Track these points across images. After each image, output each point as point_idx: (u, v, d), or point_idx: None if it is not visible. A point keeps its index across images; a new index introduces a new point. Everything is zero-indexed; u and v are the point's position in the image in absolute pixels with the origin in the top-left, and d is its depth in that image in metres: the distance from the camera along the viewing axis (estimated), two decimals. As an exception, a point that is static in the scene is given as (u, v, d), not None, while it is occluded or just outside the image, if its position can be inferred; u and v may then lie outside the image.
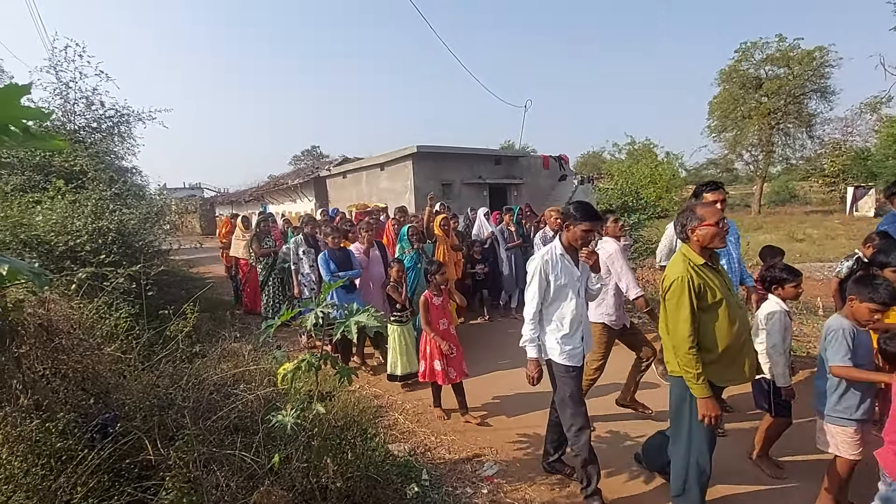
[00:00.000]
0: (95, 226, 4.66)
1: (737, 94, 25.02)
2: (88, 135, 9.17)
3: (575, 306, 2.62)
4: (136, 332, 3.26)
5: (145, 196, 8.69)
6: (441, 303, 3.87)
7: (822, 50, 22.80)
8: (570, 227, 2.56)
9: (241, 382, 2.92)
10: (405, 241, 5.22)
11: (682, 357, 2.21)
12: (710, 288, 2.22)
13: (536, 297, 2.59)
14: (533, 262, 2.63)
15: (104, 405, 2.45)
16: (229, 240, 8.13)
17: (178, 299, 4.63)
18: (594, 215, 2.57)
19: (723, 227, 2.24)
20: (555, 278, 2.58)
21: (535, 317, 2.64)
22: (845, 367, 2.31)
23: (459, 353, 3.86)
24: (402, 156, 11.90)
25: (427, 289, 3.95)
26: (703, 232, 2.24)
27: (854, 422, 2.35)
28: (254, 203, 23.91)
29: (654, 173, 17.52)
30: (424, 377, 3.88)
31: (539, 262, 2.59)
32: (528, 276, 2.65)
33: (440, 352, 3.72)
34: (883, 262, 3.00)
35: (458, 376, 3.81)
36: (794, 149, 25.48)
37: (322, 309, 2.17)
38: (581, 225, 2.52)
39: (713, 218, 2.25)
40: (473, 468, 3.14)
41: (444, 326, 3.84)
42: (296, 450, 2.26)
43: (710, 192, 3.30)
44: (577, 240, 2.56)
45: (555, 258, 2.61)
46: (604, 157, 32.30)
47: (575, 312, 2.62)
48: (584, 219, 2.52)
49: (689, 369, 2.20)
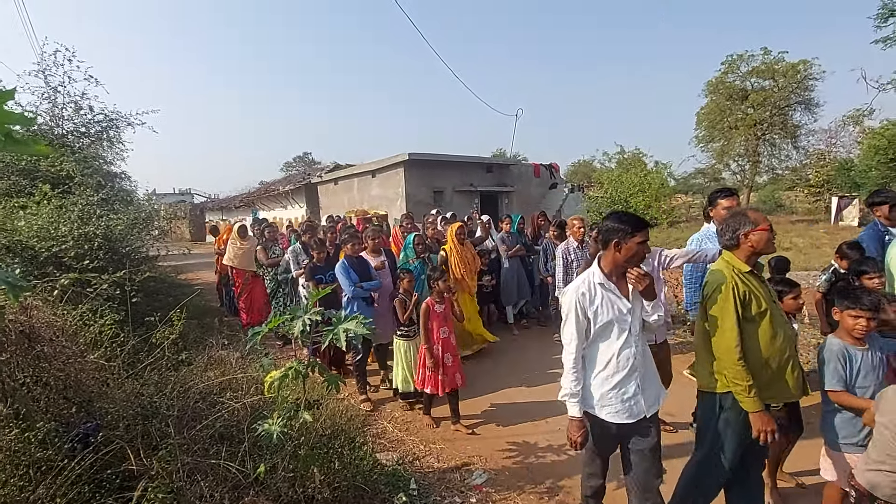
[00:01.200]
0: (81, 231, 4.61)
1: (723, 106, 25.42)
2: (76, 139, 9.09)
3: (624, 345, 2.10)
4: (120, 340, 3.21)
5: (133, 201, 8.61)
6: (443, 311, 3.82)
7: (806, 63, 23.29)
8: (621, 243, 2.04)
9: (228, 391, 2.89)
10: (410, 249, 5.04)
11: (729, 369, 2.04)
12: (756, 297, 2.09)
13: (575, 340, 2.11)
14: (566, 297, 2.15)
15: (86, 414, 2.41)
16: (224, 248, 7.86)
17: (166, 306, 4.56)
18: (644, 221, 2.09)
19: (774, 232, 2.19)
20: (595, 315, 2.09)
21: (577, 363, 2.12)
22: (835, 392, 2.24)
23: (457, 361, 3.84)
24: (393, 163, 11.92)
25: (429, 295, 3.88)
26: (758, 237, 2.12)
27: (853, 447, 2.22)
28: (244, 209, 23.78)
29: (644, 182, 17.68)
30: (421, 385, 3.84)
31: (574, 296, 2.11)
32: (562, 311, 2.19)
33: (437, 361, 3.71)
34: (858, 270, 3.09)
35: (453, 384, 3.77)
36: (779, 159, 25.91)
37: (310, 316, 2.16)
38: (635, 237, 2.02)
39: (766, 222, 2.15)
40: (462, 477, 3.12)
41: (445, 335, 3.80)
42: (282, 459, 2.23)
43: (724, 199, 3.30)
44: (633, 258, 2.05)
45: (593, 289, 2.11)
46: (594, 165, 32.57)
47: (624, 353, 2.11)
48: (638, 228, 2.04)
49: (739, 381, 2.02)
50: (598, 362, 2.14)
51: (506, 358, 5.42)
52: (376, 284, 4.39)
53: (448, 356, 3.80)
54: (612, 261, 2.09)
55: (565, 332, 2.15)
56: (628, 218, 2.08)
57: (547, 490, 2.95)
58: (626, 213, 2.16)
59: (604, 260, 2.13)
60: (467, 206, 12.43)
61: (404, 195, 11.64)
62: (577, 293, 2.10)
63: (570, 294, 2.13)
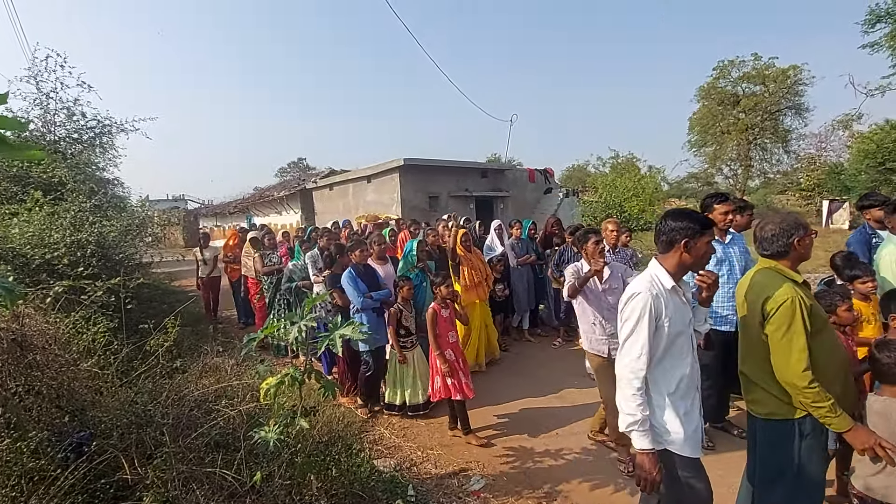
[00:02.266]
0: (74, 238, 4.57)
1: (715, 111, 25.72)
2: (69, 146, 9.02)
3: (693, 362, 1.88)
4: (114, 347, 3.19)
5: (126, 208, 8.56)
6: (449, 315, 3.76)
7: (796, 69, 23.63)
8: (690, 243, 1.81)
9: (223, 398, 2.87)
10: (411, 256, 4.72)
11: (804, 394, 1.80)
12: (816, 309, 1.91)
13: (645, 353, 1.76)
14: (635, 300, 1.81)
15: (79, 423, 2.38)
16: (236, 253, 7.62)
17: (160, 313, 4.53)
18: (710, 220, 1.89)
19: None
20: (669, 323, 1.79)
21: (644, 383, 1.79)
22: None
23: (466, 367, 3.77)
24: (388, 168, 11.94)
25: (433, 301, 3.78)
26: (808, 242, 1.98)
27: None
28: (238, 215, 23.70)
29: (638, 187, 17.78)
30: (438, 396, 3.69)
31: (647, 298, 1.78)
32: (623, 319, 1.85)
33: (452, 364, 3.60)
34: (851, 275, 3.11)
35: (471, 391, 3.68)
36: (771, 163, 26.21)
37: (306, 322, 2.15)
38: (704, 236, 1.81)
39: (810, 226, 2.01)
40: (460, 483, 3.11)
41: (454, 339, 3.75)
42: (278, 467, 2.21)
43: (720, 204, 3.31)
44: (702, 259, 1.85)
45: (664, 293, 1.82)
46: (588, 170, 32.77)
47: (693, 371, 1.88)
48: (706, 226, 1.84)
49: (820, 404, 1.79)
50: (667, 383, 1.83)
51: (515, 367, 5.30)
52: (386, 294, 4.13)
53: (460, 360, 3.73)
54: (678, 263, 1.85)
55: (632, 345, 1.80)
56: (696, 216, 1.87)
57: (545, 495, 2.94)
58: (690, 210, 1.95)
59: (666, 263, 1.87)
60: (463, 211, 12.45)
61: (400, 200, 11.65)
62: (650, 294, 1.78)
63: (643, 296, 1.79)
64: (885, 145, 19.04)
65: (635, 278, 1.96)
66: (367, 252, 4.20)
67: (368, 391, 4.18)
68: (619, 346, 1.85)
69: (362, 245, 4.20)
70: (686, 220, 1.83)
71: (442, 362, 3.58)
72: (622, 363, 1.82)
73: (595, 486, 2.98)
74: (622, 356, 1.83)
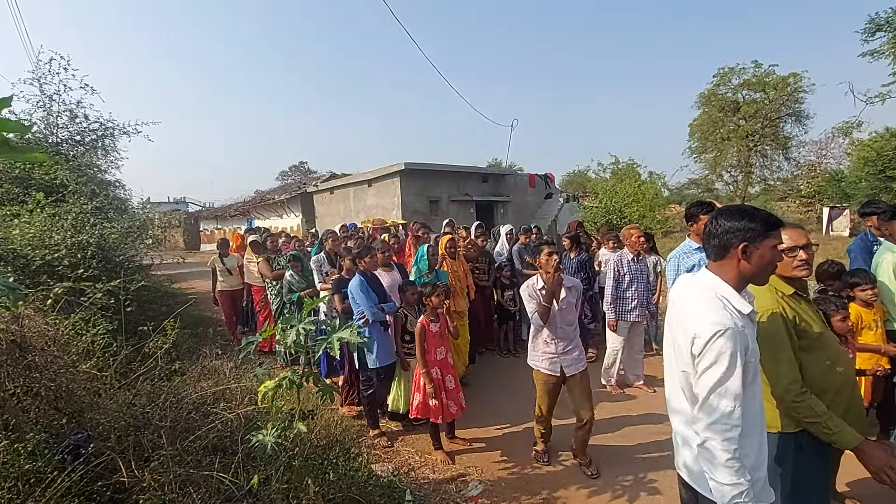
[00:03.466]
0: (75, 240, 4.58)
1: (716, 117, 25.79)
2: (71, 148, 9.08)
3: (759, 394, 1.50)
4: (113, 349, 3.19)
5: (128, 210, 8.60)
6: (439, 329, 3.51)
7: (796, 76, 23.72)
8: (750, 248, 1.46)
9: (221, 401, 2.86)
10: (423, 261, 4.49)
11: (800, 408, 1.69)
12: (808, 321, 1.80)
13: (739, 406, 1.36)
14: (720, 339, 1.36)
15: (77, 425, 2.38)
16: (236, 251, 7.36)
17: (159, 315, 4.54)
18: (777, 219, 1.53)
19: (808, 254, 1.89)
20: (752, 355, 1.44)
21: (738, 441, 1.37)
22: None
23: (457, 384, 3.59)
24: (389, 172, 11.97)
25: (422, 314, 3.54)
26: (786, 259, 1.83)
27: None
28: (239, 218, 23.74)
29: (638, 192, 17.80)
30: (418, 413, 3.49)
31: (735, 335, 1.37)
32: (704, 366, 1.39)
33: (437, 384, 3.41)
34: (851, 282, 3.12)
35: (458, 411, 3.53)
36: (771, 170, 26.28)
37: (305, 326, 2.15)
38: (769, 239, 1.47)
39: (801, 240, 1.86)
40: (458, 488, 3.10)
41: (442, 356, 3.50)
42: (276, 470, 2.21)
43: (706, 214, 3.26)
44: (766, 267, 1.49)
45: (741, 319, 1.43)
46: (589, 175, 32.80)
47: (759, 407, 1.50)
48: (771, 227, 1.48)
49: (813, 419, 1.66)
50: (750, 424, 1.42)
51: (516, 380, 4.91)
52: (392, 307, 3.86)
53: (449, 378, 3.51)
54: (738, 275, 1.48)
55: (721, 397, 1.36)
56: (758, 213, 1.50)
57: (542, 501, 2.94)
58: (751, 207, 1.55)
59: (725, 274, 1.50)
60: (463, 215, 12.47)
61: (400, 205, 11.68)
62: (735, 329, 1.37)
63: (731, 333, 1.36)
64: (886, 153, 19.09)
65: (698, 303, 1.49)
66: (375, 259, 3.96)
67: (371, 410, 3.87)
68: (700, 402, 1.41)
69: (371, 251, 3.94)
70: (745, 219, 1.48)
71: (427, 382, 3.37)
72: (707, 423, 1.38)
73: (593, 493, 2.97)
74: (706, 414, 1.39)
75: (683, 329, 1.49)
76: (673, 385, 1.60)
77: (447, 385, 3.48)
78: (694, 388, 1.44)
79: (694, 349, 1.42)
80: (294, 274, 5.24)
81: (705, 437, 1.39)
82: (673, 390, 1.61)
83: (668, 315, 1.66)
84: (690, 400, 1.49)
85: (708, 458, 1.39)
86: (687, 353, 1.46)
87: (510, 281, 5.69)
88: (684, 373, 1.50)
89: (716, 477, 1.38)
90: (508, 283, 5.69)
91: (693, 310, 1.48)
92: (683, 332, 1.48)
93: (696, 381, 1.43)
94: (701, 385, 1.40)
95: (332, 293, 4.07)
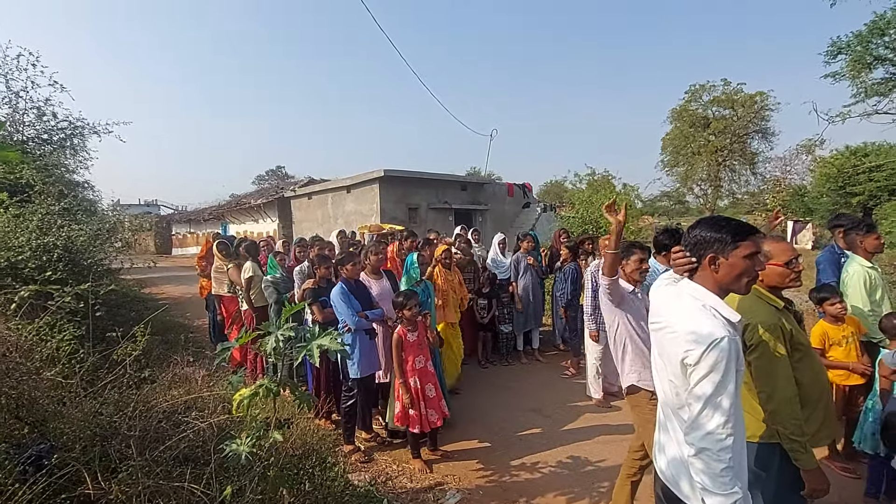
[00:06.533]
0: (40, 242, 4.42)
1: (687, 132, 26.69)
2: (38, 146, 8.77)
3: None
4: (80, 356, 3.08)
5: (97, 212, 8.35)
6: (417, 339, 3.47)
7: (763, 95, 24.81)
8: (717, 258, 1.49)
9: (194, 409, 2.79)
10: (414, 269, 4.32)
11: (788, 424, 1.73)
12: (800, 333, 1.86)
13: (732, 416, 1.36)
14: (716, 350, 1.35)
15: (40, 435, 2.28)
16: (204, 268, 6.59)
17: (129, 321, 4.41)
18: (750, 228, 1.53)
19: (794, 268, 1.90)
20: (742, 364, 1.43)
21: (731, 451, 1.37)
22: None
23: (439, 392, 3.54)
24: (368, 179, 11.94)
25: (399, 323, 3.48)
26: (769, 272, 1.86)
27: None
28: (213, 222, 23.25)
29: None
30: (398, 421, 3.47)
31: (728, 344, 1.35)
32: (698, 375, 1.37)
33: (415, 393, 3.38)
34: (819, 297, 3.19)
35: (439, 420, 3.48)
36: (739, 184, 27.35)
37: (283, 332, 2.12)
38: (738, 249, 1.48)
39: (783, 256, 1.87)
40: (436, 497, 3.08)
41: (421, 364, 3.46)
42: (250, 481, 2.16)
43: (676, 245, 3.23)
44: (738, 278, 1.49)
45: (732, 328, 1.43)
46: (566, 186, 33.41)
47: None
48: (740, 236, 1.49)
49: (797, 437, 1.73)
50: (738, 433, 1.41)
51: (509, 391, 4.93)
52: (379, 314, 3.74)
53: (429, 387, 3.46)
54: (715, 285, 1.50)
55: (717, 408, 1.35)
56: (731, 224, 1.51)
57: (520, 509, 2.94)
58: (728, 218, 1.57)
59: (708, 284, 1.51)
60: (442, 223, 12.50)
61: (379, 211, 11.64)
62: (730, 339, 1.37)
63: (726, 342, 1.35)
64: (846, 170, 20.04)
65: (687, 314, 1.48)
66: (359, 266, 3.82)
67: (349, 422, 3.74)
68: (694, 412, 1.39)
69: (354, 258, 3.79)
70: (713, 230, 1.50)
71: (404, 392, 3.34)
72: (701, 434, 1.38)
73: (571, 501, 3.00)
74: (700, 424, 1.38)
75: (673, 339, 1.48)
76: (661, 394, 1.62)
77: (427, 394, 3.45)
78: (686, 398, 1.43)
79: (688, 360, 1.39)
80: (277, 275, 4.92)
81: (700, 448, 1.38)
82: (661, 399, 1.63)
83: (652, 324, 1.66)
84: (675, 410, 1.50)
85: (702, 469, 1.38)
86: (677, 363, 1.44)
87: (490, 289, 5.62)
88: (671, 382, 1.50)
89: (711, 488, 1.37)
90: (488, 291, 5.61)
91: (683, 320, 1.47)
92: (673, 342, 1.47)
93: (689, 391, 1.41)
94: (695, 395, 1.39)
95: (309, 304, 3.93)
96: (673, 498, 1.58)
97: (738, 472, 1.41)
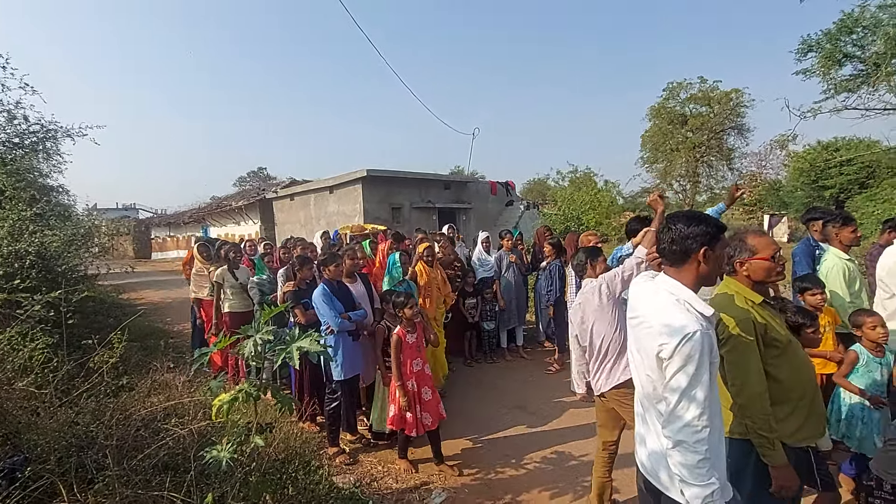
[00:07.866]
0: (11, 248, 4.30)
1: (665, 129, 27.09)
2: (8, 151, 8.49)
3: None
4: (53, 365, 3.00)
5: (71, 217, 8.11)
6: (416, 340, 3.44)
7: (738, 92, 25.30)
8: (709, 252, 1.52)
9: (173, 416, 2.75)
10: (397, 268, 4.37)
11: (757, 418, 1.74)
12: (777, 328, 1.84)
13: (707, 408, 1.40)
14: (690, 343, 1.38)
15: (13, 447, 2.23)
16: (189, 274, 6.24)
17: (106, 327, 4.31)
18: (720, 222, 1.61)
19: (779, 261, 1.90)
20: (715, 357, 1.48)
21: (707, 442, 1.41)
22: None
23: (435, 395, 3.50)
24: (351, 179, 11.86)
25: (398, 325, 3.43)
26: (754, 266, 1.87)
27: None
28: (193, 225, 22.85)
29: (594, 200, 18.43)
30: (392, 424, 3.43)
31: (701, 337, 1.39)
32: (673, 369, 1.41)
33: (412, 396, 3.34)
34: (801, 287, 3.20)
35: (434, 422, 3.40)
36: (716, 179, 27.82)
37: (262, 336, 2.10)
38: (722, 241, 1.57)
39: (768, 249, 1.88)
40: (421, 497, 3.09)
41: (419, 367, 3.42)
42: (232, 487, 2.14)
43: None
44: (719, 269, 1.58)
45: (706, 322, 1.47)
46: (548, 183, 33.69)
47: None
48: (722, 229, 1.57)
49: (765, 433, 1.73)
50: (714, 424, 1.45)
51: (495, 389, 4.95)
52: (362, 315, 3.73)
53: (426, 390, 3.42)
54: (697, 278, 1.53)
55: (692, 400, 1.39)
56: (711, 219, 1.56)
57: (505, 506, 2.97)
58: (701, 213, 1.65)
59: (684, 279, 1.54)
60: (426, 222, 12.49)
61: (362, 212, 11.58)
62: (703, 333, 1.40)
63: (699, 336, 1.39)
64: (818, 164, 20.60)
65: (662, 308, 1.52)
66: (341, 268, 3.78)
67: (333, 425, 3.72)
68: (670, 405, 1.43)
69: (337, 259, 3.75)
70: (702, 224, 1.53)
71: (401, 395, 3.30)
72: (677, 426, 1.41)
73: (555, 495, 3.03)
74: (676, 417, 1.41)
75: (649, 334, 1.52)
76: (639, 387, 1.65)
77: (423, 397, 3.41)
78: (662, 391, 1.46)
79: (662, 353, 1.43)
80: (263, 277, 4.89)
81: (678, 440, 1.41)
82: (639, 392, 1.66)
83: (630, 319, 1.70)
84: (653, 403, 1.54)
85: (679, 460, 1.42)
86: (653, 357, 1.48)
87: (473, 288, 5.64)
88: (648, 376, 1.53)
89: (688, 479, 1.40)
90: (472, 290, 5.62)
91: (658, 314, 1.51)
92: (649, 336, 1.51)
93: (665, 384, 1.44)
94: (670, 388, 1.43)
95: (291, 306, 3.89)
96: (653, 489, 1.62)
97: (716, 463, 1.43)
